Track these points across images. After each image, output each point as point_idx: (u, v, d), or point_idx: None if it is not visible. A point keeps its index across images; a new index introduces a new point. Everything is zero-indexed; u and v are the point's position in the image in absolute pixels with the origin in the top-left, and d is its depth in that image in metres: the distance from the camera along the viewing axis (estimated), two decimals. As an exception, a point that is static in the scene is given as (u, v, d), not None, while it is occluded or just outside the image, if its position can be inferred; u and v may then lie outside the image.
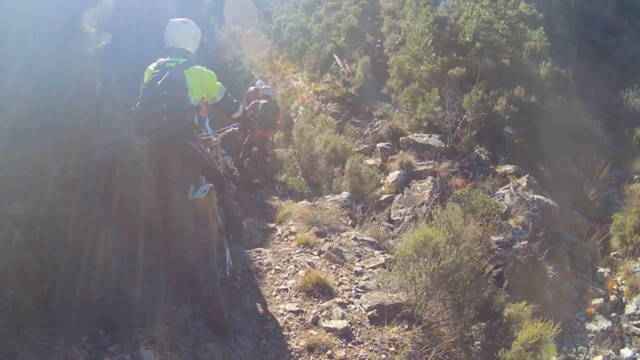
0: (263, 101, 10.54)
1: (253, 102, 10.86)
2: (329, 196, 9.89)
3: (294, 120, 16.16)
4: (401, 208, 12.44)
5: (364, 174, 11.19)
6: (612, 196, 15.45)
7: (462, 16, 21.45)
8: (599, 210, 14.81)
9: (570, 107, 19.20)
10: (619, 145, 19.15)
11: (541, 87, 18.94)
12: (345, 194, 9.87)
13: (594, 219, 14.26)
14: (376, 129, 16.72)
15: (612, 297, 11.63)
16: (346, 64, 21.02)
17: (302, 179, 11.80)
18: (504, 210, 11.91)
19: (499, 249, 10.85)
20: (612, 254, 13.09)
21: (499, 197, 12.89)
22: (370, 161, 15.06)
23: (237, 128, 5.69)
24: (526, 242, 11.17)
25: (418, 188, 12.96)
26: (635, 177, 16.61)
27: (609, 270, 12.44)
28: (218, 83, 4.95)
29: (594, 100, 21.66)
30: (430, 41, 17.75)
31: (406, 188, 13.07)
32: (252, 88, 12.21)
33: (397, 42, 21.47)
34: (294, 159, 11.92)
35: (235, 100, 5.29)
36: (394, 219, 12.13)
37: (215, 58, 11.59)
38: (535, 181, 13.74)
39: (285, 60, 25.19)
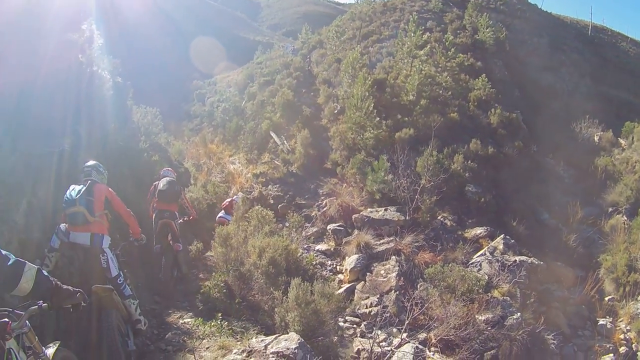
0: (164, 179, 9.61)
1: (153, 186, 9.80)
2: (269, 340, 6.74)
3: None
4: (366, 298, 10.94)
5: (318, 300, 7.92)
6: (593, 236, 14.76)
7: (401, 75, 21.15)
8: (582, 255, 13.97)
9: (527, 152, 18.81)
10: (582, 179, 18.67)
11: (495, 136, 18.50)
12: (293, 341, 6.37)
13: (579, 265, 13.46)
14: (324, 208, 15.22)
15: (622, 349, 10.51)
16: (284, 141, 19.83)
17: (234, 303, 8.80)
18: (485, 282, 10.75)
19: (489, 328, 9.54)
20: (607, 299, 12.16)
21: (475, 266, 11.74)
22: (322, 246, 13.65)
23: (45, 304, 3.37)
24: (519, 315, 9.93)
25: (382, 272, 11.49)
26: (610, 209, 15.99)
27: (610, 320, 11.37)
28: None
29: (547, 139, 21.47)
30: (372, 105, 16.94)
31: (368, 274, 11.61)
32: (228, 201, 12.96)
33: (335, 111, 20.53)
34: (219, 279, 8.76)
35: (10, 261, 3.10)
36: (359, 312, 10.63)
37: (124, 147, 9.87)
38: (512, 240, 12.69)
39: (220, 144, 24.01)
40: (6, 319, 2.96)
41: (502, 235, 12.73)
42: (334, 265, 12.77)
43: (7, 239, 5.08)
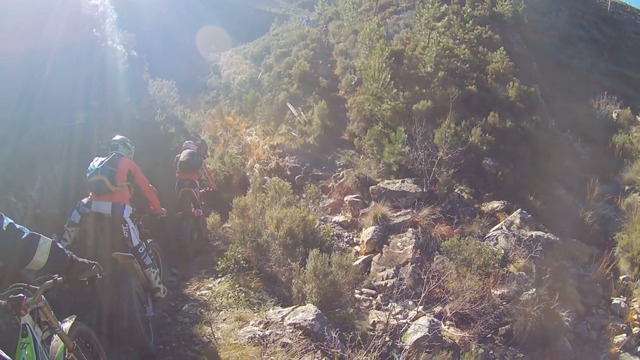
0: (185, 151, 10.04)
1: (175, 158, 10.24)
2: (286, 311, 6.68)
3: (250, 182, 14.53)
4: (382, 270, 10.97)
5: (336, 271, 7.94)
6: (609, 214, 14.55)
7: (419, 47, 20.88)
8: (598, 232, 13.83)
9: (545, 126, 18.52)
10: (599, 156, 18.45)
11: (513, 110, 18.19)
12: (310, 312, 6.32)
13: (595, 243, 13.35)
14: (341, 180, 15.20)
15: (635, 330, 10.43)
16: (301, 112, 19.74)
17: (251, 275, 8.67)
18: (502, 256, 10.68)
19: (504, 303, 9.58)
20: (622, 278, 12.00)
21: (492, 240, 11.65)
22: (339, 218, 13.66)
23: (60, 277, 3.36)
24: (534, 290, 9.90)
25: (398, 244, 11.48)
26: (627, 188, 15.77)
27: (624, 300, 11.29)
28: None
29: (564, 114, 21.27)
30: (389, 77, 16.76)
31: (385, 246, 11.59)
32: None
33: (353, 82, 20.38)
34: (236, 250, 8.36)
35: (23, 234, 3.00)
36: (375, 284, 10.66)
37: (140, 120, 9.97)
38: (529, 215, 12.57)
39: (237, 115, 24.00)
40: (21, 294, 2.96)
41: (518, 210, 12.60)
42: (351, 237, 12.80)
43: (22, 214, 5.10)
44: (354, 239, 12.72)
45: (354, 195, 14.07)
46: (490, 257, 10.23)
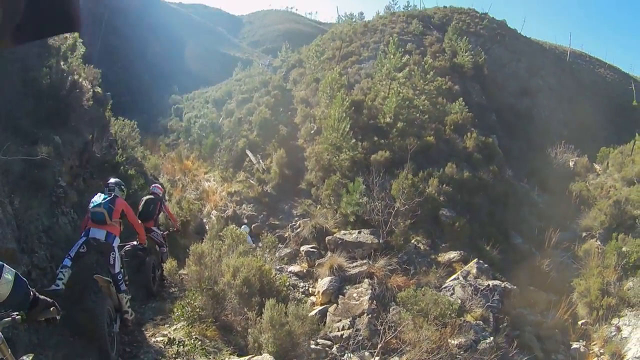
0: (147, 197, 10.55)
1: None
2: None
3: (207, 228, 14.41)
4: (338, 321, 10.97)
5: (292, 322, 7.92)
6: (567, 261, 14.97)
7: (379, 97, 21.26)
8: (555, 279, 14.13)
9: (502, 176, 19.03)
10: (556, 204, 18.93)
11: (470, 160, 18.63)
12: None
13: (552, 290, 13.62)
14: (298, 230, 15.30)
15: None
16: (260, 160, 19.89)
17: (207, 324, 8.55)
18: (458, 306, 10.83)
19: (462, 352, 9.68)
20: (580, 323, 12.33)
21: (448, 290, 11.85)
22: (295, 267, 13.71)
23: (18, 315, 3.13)
24: (492, 339, 10.11)
25: (354, 295, 11.54)
26: (584, 234, 16.23)
27: (584, 344, 11.55)
28: None
29: (522, 163, 22.00)
30: (349, 126, 17.00)
31: (341, 296, 11.64)
32: None
33: (312, 131, 20.58)
34: (193, 297, 8.53)
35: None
36: (332, 335, 10.62)
37: (101, 159, 10.18)
38: (486, 265, 12.81)
39: (196, 160, 23.99)
40: None
41: (475, 260, 12.81)
42: (307, 287, 12.83)
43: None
44: (310, 289, 12.73)
45: (311, 246, 14.14)
46: (447, 307, 10.32)
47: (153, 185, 11.00)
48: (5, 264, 2.81)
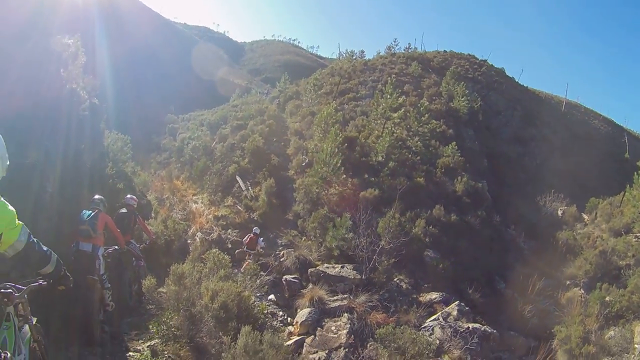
0: (122, 211, 10.69)
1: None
2: None
3: (190, 249, 14.52)
4: (314, 353, 10.97)
5: (267, 350, 8.18)
6: (549, 308, 15.01)
7: (372, 135, 21.61)
8: (537, 326, 14.18)
9: (490, 221, 19.26)
10: (542, 252, 18.93)
11: (459, 204, 18.94)
12: None
13: (533, 336, 13.65)
14: (281, 259, 15.41)
15: None
16: (249, 187, 20.08)
17: (181, 344, 8.64)
18: (436, 346, 10.91)
19: None
20: None
21: (427, 330, 11.89)
22: (275, 296, 13.72)
23: (45, 282, 4.30)
24: None
25: (333, 328, 11.60)
26: (568, 282, 16.30)
27: None
28: (19, 223, 3.54)
29: (510, 210, 21.98)
30: (340, 162, 17.34)
31: (319, 328, 11.66)
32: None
33: (304, 163, 20.90)
34: (170, 316, 8.50)
35: (45, 249, 3.94)
36: None
37: (90, 170, 10.07)
38: (467, 308, 12.95)
39: (186, 181, 24.20)
40: (10, 290, 3.81)
41: (456, 302, 12.92)
42: (285, 317, 12.83)
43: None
44: (289, 319, 12.74)
45: (293, 276, 14.21)
46: (425, 347, 10.36)
47: (127, 197, 10.98)
48: (52, 252, 4.06)
